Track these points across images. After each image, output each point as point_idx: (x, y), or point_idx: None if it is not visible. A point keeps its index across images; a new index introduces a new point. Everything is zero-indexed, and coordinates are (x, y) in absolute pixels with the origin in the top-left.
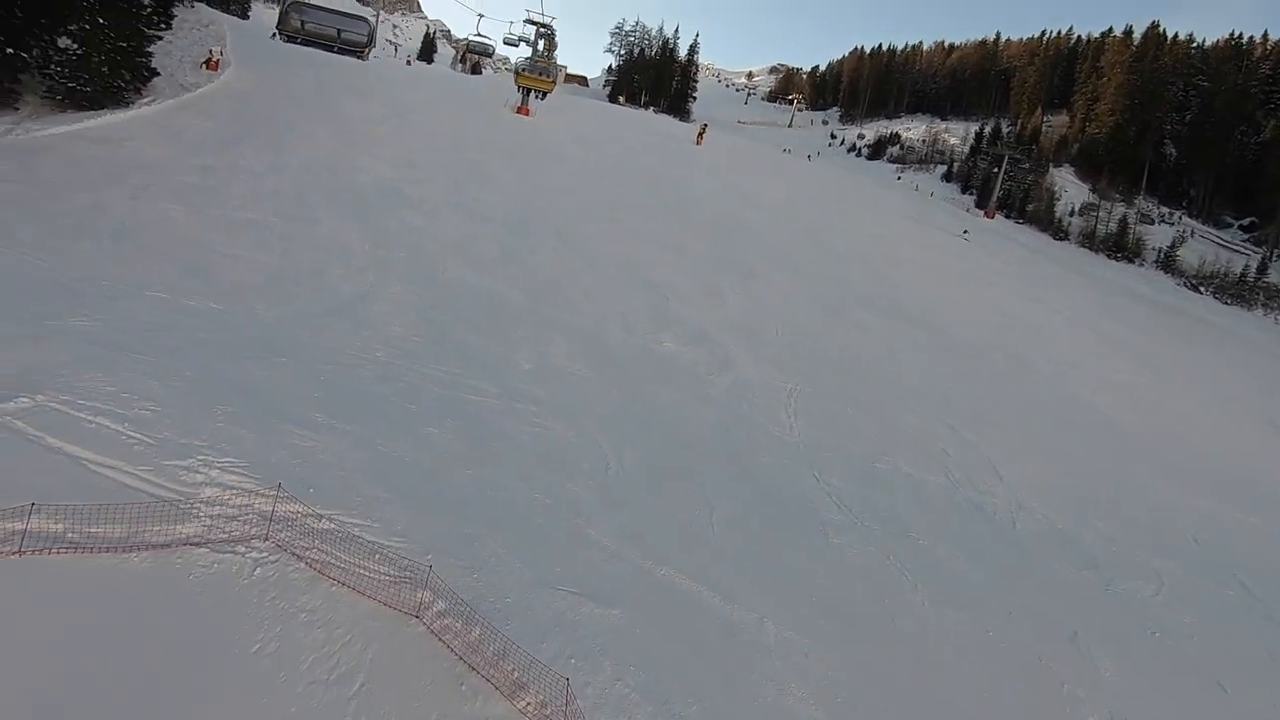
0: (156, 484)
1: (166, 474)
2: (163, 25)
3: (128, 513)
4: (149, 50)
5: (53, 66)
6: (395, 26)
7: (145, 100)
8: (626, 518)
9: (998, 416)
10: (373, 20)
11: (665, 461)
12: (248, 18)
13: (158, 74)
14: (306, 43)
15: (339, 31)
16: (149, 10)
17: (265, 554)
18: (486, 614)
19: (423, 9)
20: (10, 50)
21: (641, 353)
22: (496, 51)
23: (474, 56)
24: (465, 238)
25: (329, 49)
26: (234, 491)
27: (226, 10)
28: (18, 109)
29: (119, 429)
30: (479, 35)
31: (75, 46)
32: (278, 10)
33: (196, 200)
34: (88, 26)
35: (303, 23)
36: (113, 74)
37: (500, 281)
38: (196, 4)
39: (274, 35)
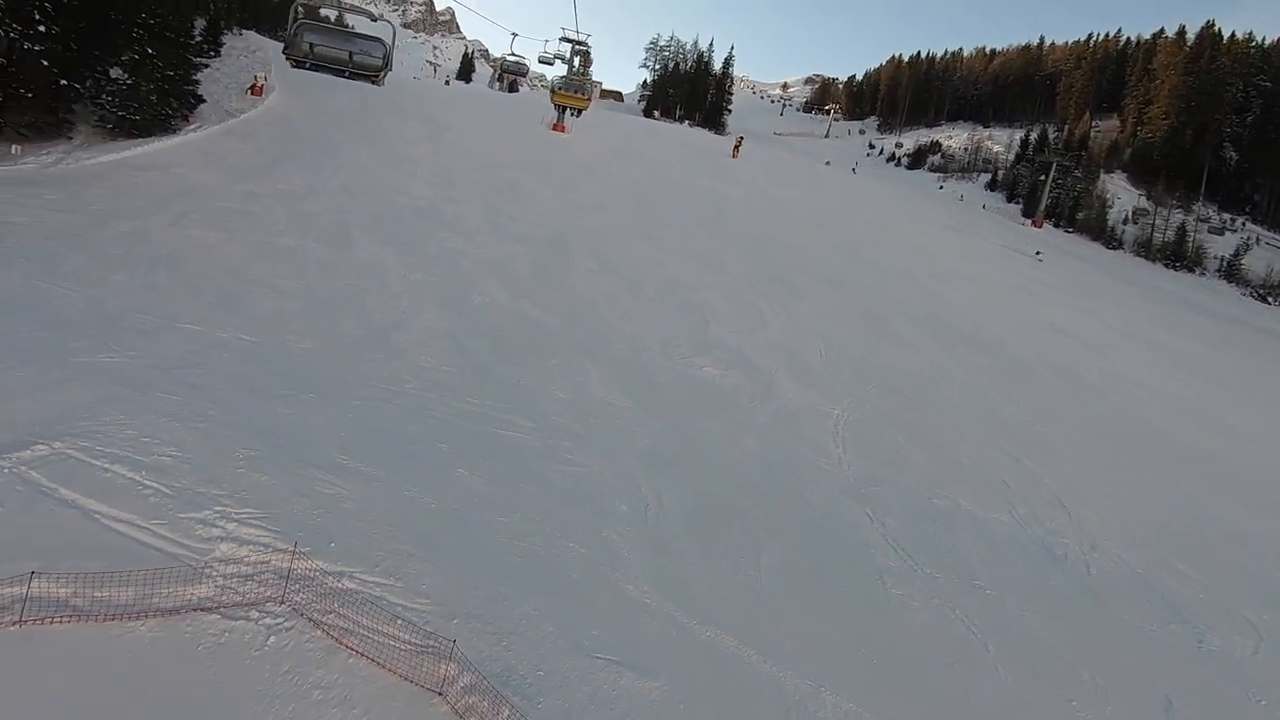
0: (170, 539)
1: (181, 528)
2: (212, 53)
3: (137, 575)
4: (196, 78)
5: (104, 96)
6: (435, 48)
7: (192, 126)
8: (668, 569)
9: (1058, 442)
10: (389, 41)
11: (707, 501)
12: None
13: (204, 100)
14: (316, 67)
15: (351, 54)
16: (198, 40)
17: (280, 619)
18: (516, 689)
19: (461, 30)
20: (64, 82)
21: (680, 379)
22: (531, 70)
23: (510, 76)
24: (501, 259)
25: (340, 74)
26: (251, 548)
27: (275, 37)
28: (71, 138)
29: (135, 478)
30: (513, 55)
31: (125, 76)
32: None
33: (236, 226)
34: (137, 57)
35: (311, 45)
36: (161, 102)
37: (535, 304)
38: (245, 31)
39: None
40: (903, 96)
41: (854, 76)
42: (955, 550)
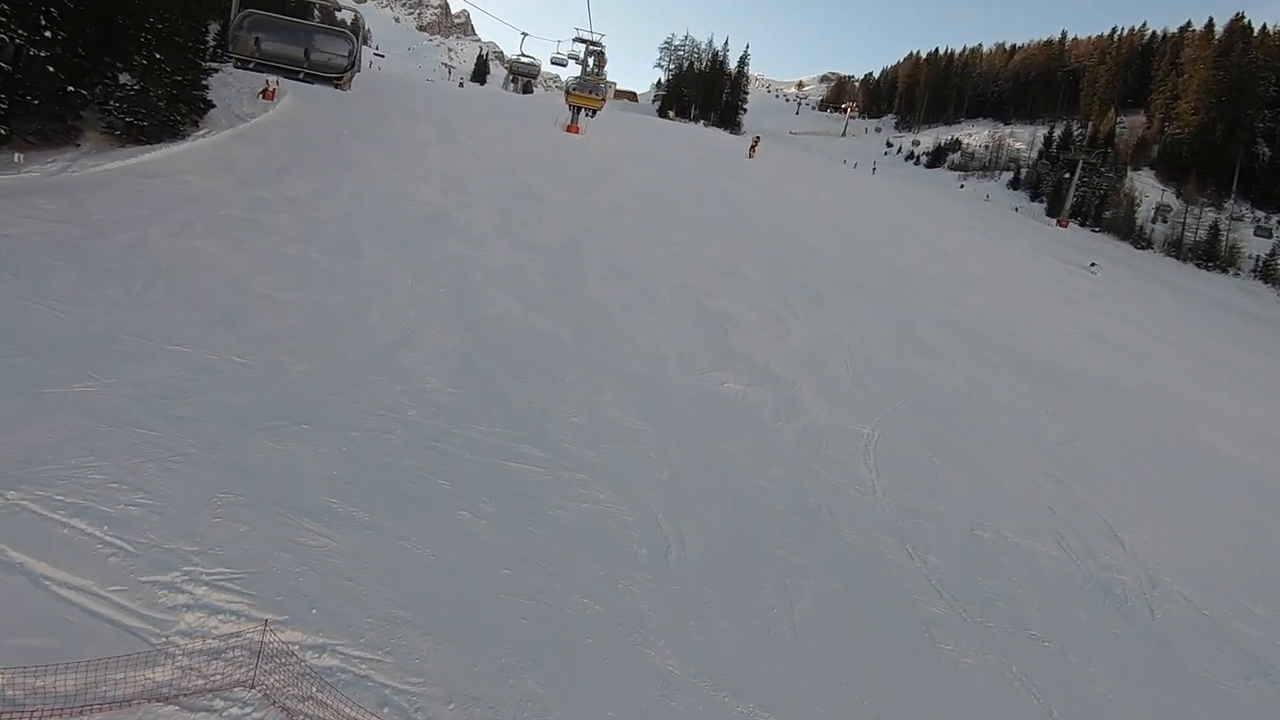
0: (129, 609)
1: (143, 595)
2: (225, 58)
3: (83, 661)
4: (205, 83)
5: (112, 102)
6: (450, 50)
7: (201, 132)
8: (692, 627)
9: (1102, 461)
10: (355, 40)
11: (734, 539)
12: None
13: (213, 105)
14: (263, 67)
15: (307, 52)
16: (212, 45)
17: (249, 709)
18: None
19: (477, 32)
20: (71, 88)
21: (701, 396)
22: (543, 70)
23: (522, 77)
24: (512, 267)
25: (294, 75)
26: (221, 617)
27: None
28: (79, 145)
29: (97, 533)
30: (524, 55)
31: (134, 82)
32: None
33: (239, 235)
34: (145, 62)
35: (258, 41)
36: (169, 108)
37: (548, 316)
38: None
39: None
40: (921, 94)
41: (870, 74)
42: (1006, 593)
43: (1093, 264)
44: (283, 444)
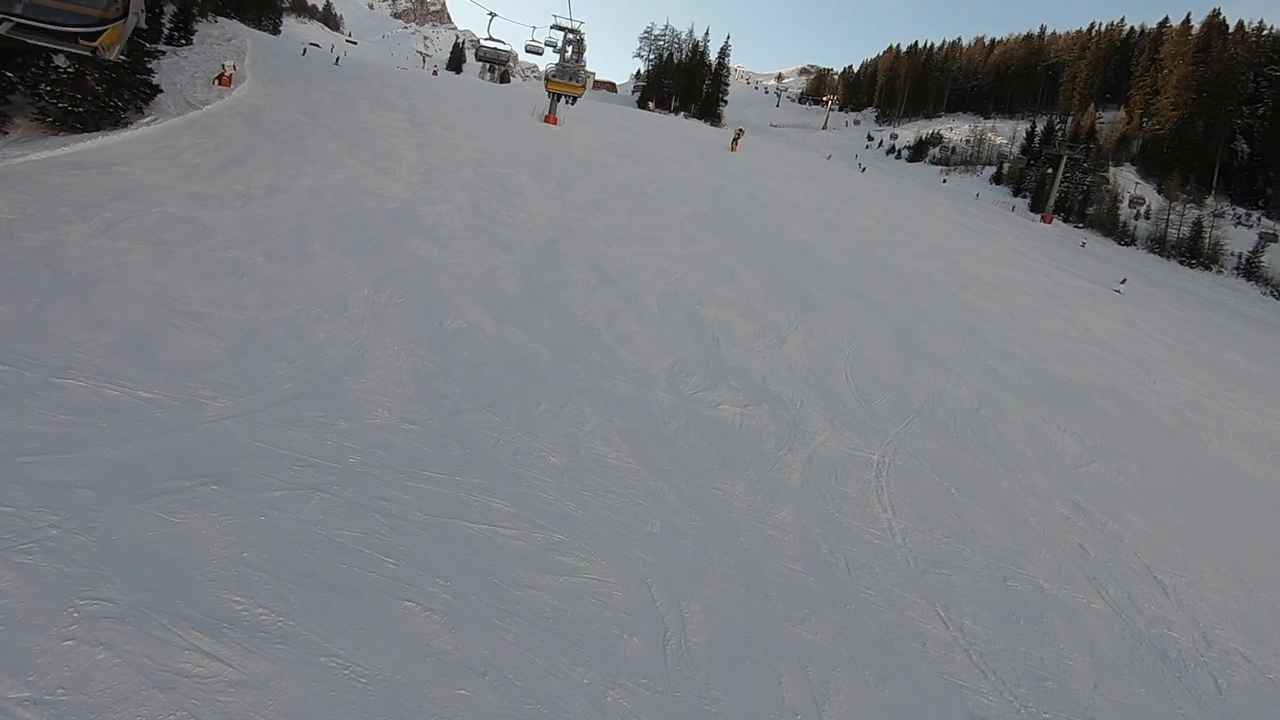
0: None
1: None
2: (182, 41)
3: None
4: (150, 66)
5: (44, 86)
6: (425, 38)
7: (146, 119)
8: None
9: (1125, 484)
10: None
11: (742, 613)
12: (279, 33)
13: (160, 91)
14: None
15: (25, 5)
16: (169, 28)
17: None
18: None
19: (452, 20)
20: None
21: (694, 422)
22: (521, 59)
23: (491, 64)
24: (484, 271)
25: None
26: None
27: (258, 26)
28: (6, 133)
29: None
30: (492, 38)
31: (69, 65)
32: None
33: (173, 236)
34: None
35: None
36: (109, 93)
37: (523, 329)
38: (219, 19)
39: None
40: (901, 87)
41: (850, 67)
42: (1055, 665)
43: (1123, 280)
44: (181, 515)
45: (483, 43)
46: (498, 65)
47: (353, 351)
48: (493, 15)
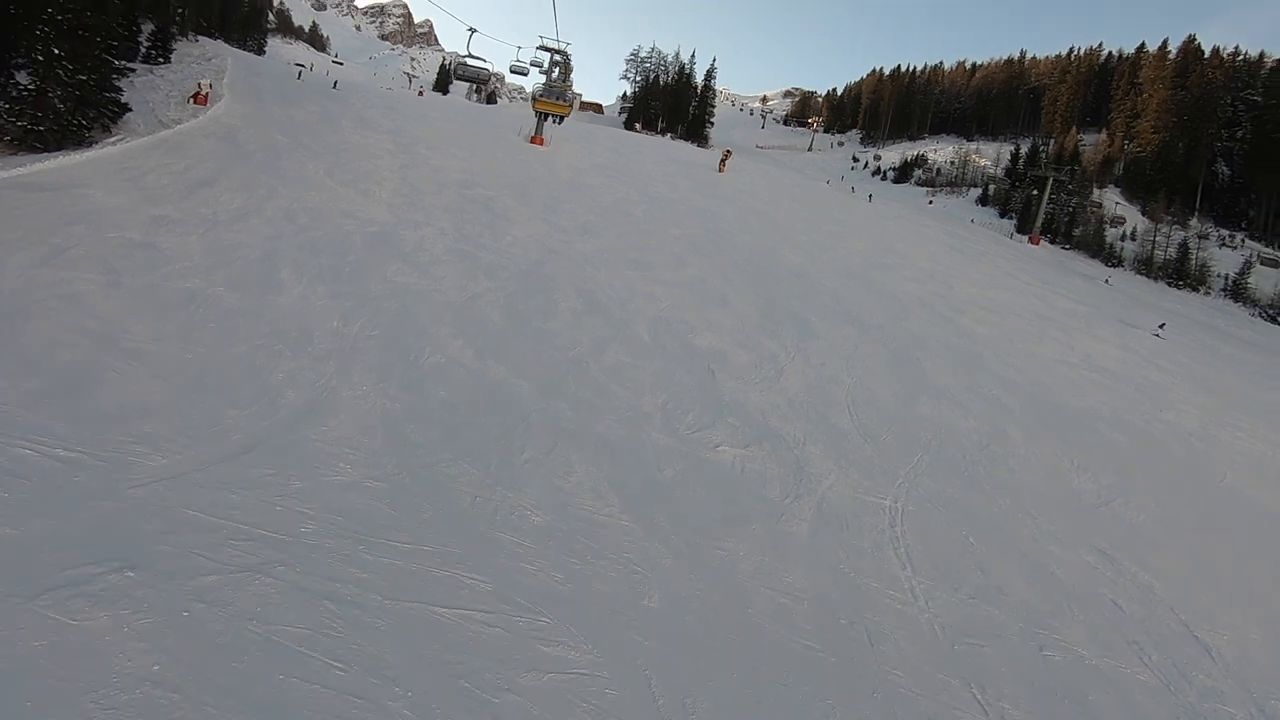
0: None
1: None
2: (160, 60)
3: None
4: (117, 84)
5: (1, 104)
6: (413, 59)
7: (113, 139)
8: None
9: (1147, 526)
10: None
11: (756, 709)
12: (264, 53)
13: (129, 109)
14: None
15: None
16: (146, 47)
17: None
18: None
19: (440, 42)
20: None
21: (693, 466)
22: (505, 77)
23: (484, 87)
24: (465, 300)
25: None
26: None
27: (242, 46)
28: None
29: None
30: (471, 55)
31: (31, 81)
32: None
33: (128, 264)
34: (41, 58)
35: None
36: (74, 111)
37: (505, 363)
38: (201, 38)
39: None
40: (885, 109)
41: (834, 89)
42: None
43: (1161, 325)
44: (83, 614)
45: (464, 61)
46: (479, 85)
47: (315, 393)
48: (472, 31)
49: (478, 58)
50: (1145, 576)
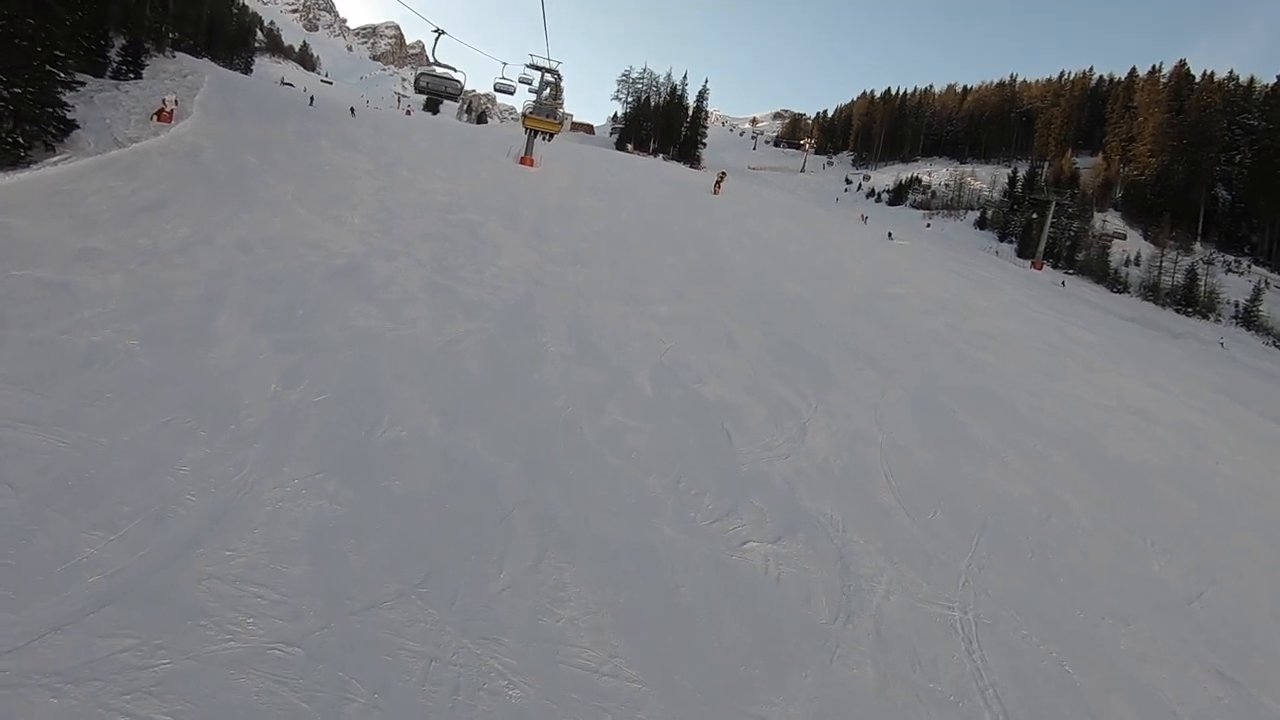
0: None
1: None
2: (131, 75)
3: None
4: (62, 98)
5: None
6: (404, 80)
7: (55, 159)
8: None
9: (1255, 629)
10: None
11: None
12: (250, 72)
13: (77, 126)
14: None
15: None
16: (117, 62)
17: None
18: None
19: (455, 75)
20: None
21: (716, 576)
22: (498, 99)
23: (437, 96)
24: (439, 347)
25: None
26: None
27: (229, 65)
28: None
29: None
30: (438, 64)
31: None
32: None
33: (24, 312)
34: None
35: None
36: (14, 128)
37: (482, 433)
38: (180, 54)
39: None
40: (878, 131)
41: (825, 111)
42: None
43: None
44: None
45: (430, 70)
46: (449, 98)
47: (225, 496)
48: (439, 33)
49: (447, 66)
50: (1266, 698)
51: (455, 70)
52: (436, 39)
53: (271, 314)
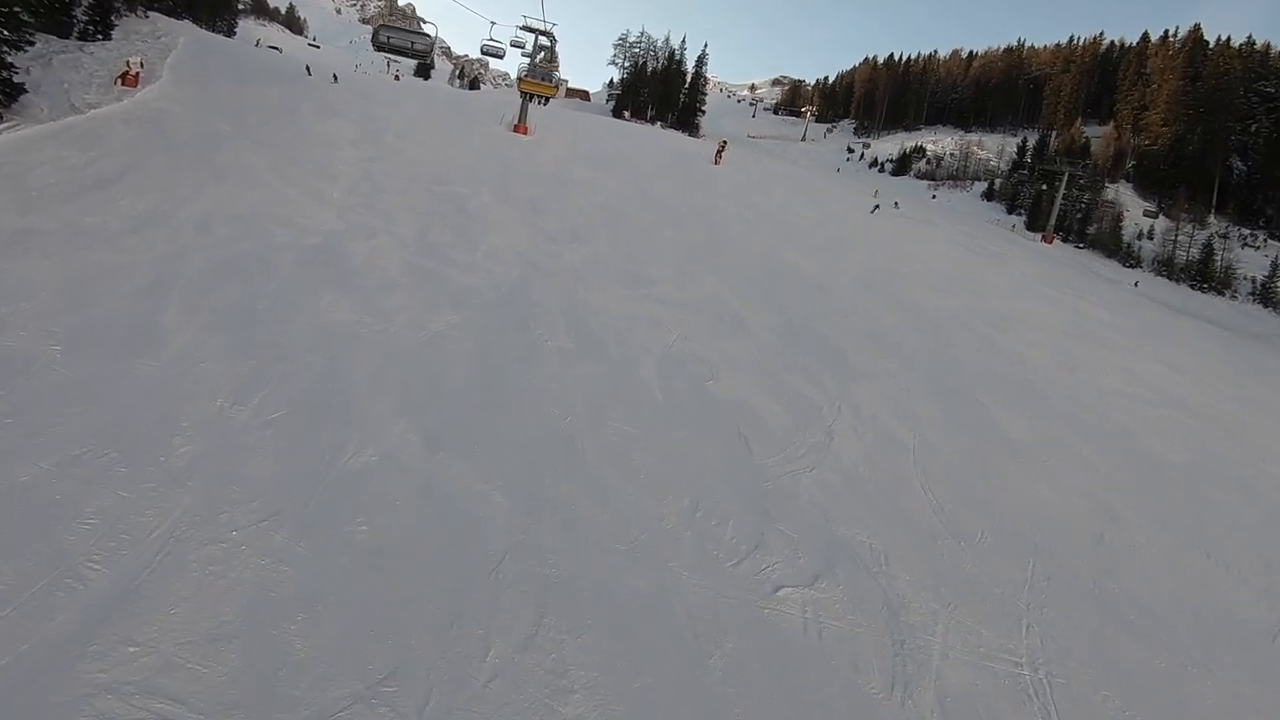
0: None
1: None
2: (98, 37)
3: None
4: (8, 59)
5: None
6: None
7: (1, 126)
8: None
9: None
10: None
11: None
12: (234, 35)
13: (25, 91)
14: None
15: None
16: (83, 22)
17: None
18: None
19: (423, 27)
20: None
21: (748, 639)
22: (490, 62)
23: (399, 56)
24: (420, 344)
25: None
26: None
27: (212, 27)
28: None
29: None
30: (397, 17)
31: None
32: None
33: None
34: None
35: None
36: None
37: (467, 457)
38: (154, 15)
39: None
40: (880, 99)
41: (825, 78)
42: None
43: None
44: None
45: (389, 22)
46: (415, 57)
47: (140, 560)
48: None
49: (420, 22)
50: None
51: (430, 26)
52: None
53: (226, 308)
